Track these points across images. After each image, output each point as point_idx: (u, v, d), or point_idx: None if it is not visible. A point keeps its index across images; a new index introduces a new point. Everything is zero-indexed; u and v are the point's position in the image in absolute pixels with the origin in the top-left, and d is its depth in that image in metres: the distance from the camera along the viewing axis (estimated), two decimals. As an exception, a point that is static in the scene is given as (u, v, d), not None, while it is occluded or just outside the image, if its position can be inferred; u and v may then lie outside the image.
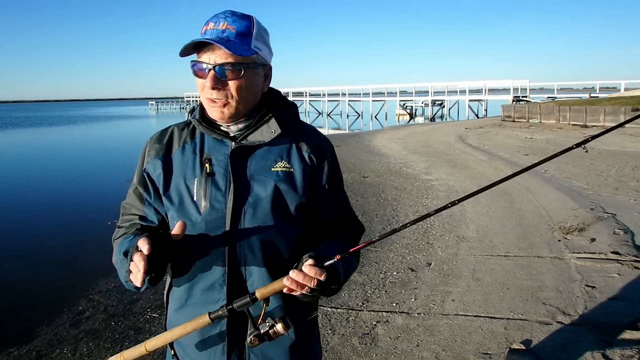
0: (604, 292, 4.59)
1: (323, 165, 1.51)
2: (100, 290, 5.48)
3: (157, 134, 1.53)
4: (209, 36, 1.35)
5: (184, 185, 1.42)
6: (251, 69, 1.39)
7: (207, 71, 1.35)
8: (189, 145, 1.46)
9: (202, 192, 1.39)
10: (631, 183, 9.56)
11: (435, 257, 5.82)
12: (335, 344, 3.88)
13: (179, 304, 1.46)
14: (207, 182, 1.40)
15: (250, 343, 1.29)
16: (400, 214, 8.04)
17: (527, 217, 7.34)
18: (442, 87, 50.37)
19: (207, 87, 1.36)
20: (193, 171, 1.42)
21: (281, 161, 1.44)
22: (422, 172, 12.15)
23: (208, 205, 1.38)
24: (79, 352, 4.13)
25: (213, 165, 1.41)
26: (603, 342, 3.68)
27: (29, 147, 28.12)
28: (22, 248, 7.63)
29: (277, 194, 1.40)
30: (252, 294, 1.28)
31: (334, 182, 1.55)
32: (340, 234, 1.53)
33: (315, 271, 1.23)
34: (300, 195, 1.44)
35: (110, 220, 7.97)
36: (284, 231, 1.42)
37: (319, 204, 1.50)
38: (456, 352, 3.68)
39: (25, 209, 10.54)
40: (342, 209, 1.58)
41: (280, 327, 1.27)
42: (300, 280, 1.23)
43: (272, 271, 1.38)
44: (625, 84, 37.73)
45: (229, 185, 1.39)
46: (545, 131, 21.48)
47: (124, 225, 1.53)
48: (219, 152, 1.43)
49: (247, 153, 1.43)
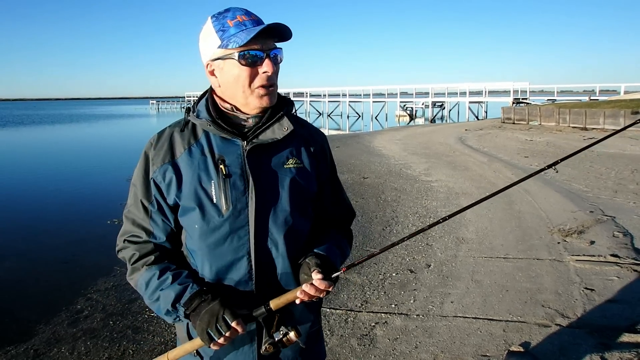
0: (603, 295, 4.59)
1: (326, 159, 1.59)
2: (98, 289, 5.47)
3: (155, 140, 1.49)
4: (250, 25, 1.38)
5: (201, 189, 1.40)
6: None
7: (265, 57, 1.38)
8: (195, 147, 1.44)
9: (222, 195, 1.39)
10: (630, 186, 9.55)
11: (434, 259, 5.82)
12: (334, 345, 3.87)
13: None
14: (225, 184, 1.39)
15: (266, 350, 1.38)
16: (400, 215, 8.04)
17: (527, 220, 7.34)
18: (443, 88, 50.39)
19: (266, 74, 1.39)
20: (207, 174, 1.41)
21: (292, 157, 1.47)
22: (422, 174, 12.14)
23: (230, 207, 1.39)
24: (77, 351, 4.12)
25: (228, 166, 1.41)
26: (602, 345, 3.67)
27: (29, 145, 28.14)
28: (20, 246, 7.62)
29: (293, 190, 1.45)
30: (267, 304, 1.35)
31: (333, 173, 1.64)
32: (338, 225, 1.64)
33: (325, 285, 1.34)
34: (311, 189, 1.50)
35: (109, 220, 7.96)
36: (301, 225, 1.48)
37: (322, 196, 1.57)
38: (455, 354, 3.67)
39: (24, 207, 10.55)
40: (340, 199, 1.67)
41: (293, 335, 1.36)
42: (312, 293, 1.33)
43: (293, 263, 1.44)
44: (625, 86, 37.76)
45: (247, 185, 1.40)
46: (545, 133, 21.48)
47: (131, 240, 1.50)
48: (231, 152, 1.42)
49: (262, 152, 1.44)
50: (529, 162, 13.36)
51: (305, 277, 1.37)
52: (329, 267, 1.39)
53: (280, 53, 1.43)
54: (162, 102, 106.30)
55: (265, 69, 1.38)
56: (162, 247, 1.48)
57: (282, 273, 1.43)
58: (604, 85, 43.82)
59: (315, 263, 1.38)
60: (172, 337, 4.21)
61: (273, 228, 1.41)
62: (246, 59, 1.37)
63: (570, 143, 17.29)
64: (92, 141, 30.53)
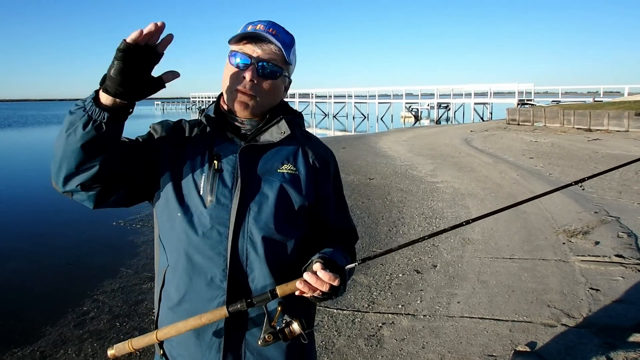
0: (608, 295, 4.59)
1: (328, 173, 1.55)
2: (105, 290, 5.49)
3: (173, 123, 1.54)
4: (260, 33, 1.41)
5: (191, 179, 1.42)
6: (283, 76, 1.47)
7: (250, 64, 1.40)
8: (200, 141, 1.47)
9: (209, 187, 1.40)
10: (635, 187, 9.53)
11: (440, 259, 5.82)
12: (341, 345, 3.89)
13: (175, 299, 1.42)
14: (214, 178, 1.41)
15: (265, 341, 1.30)
16: (406, 216, 8.04)
17: (532, 220, 7.33)
18: (448, 89, 50.29)
19: (244, 79, 1.40)
20: (201, 166, 1.43)
21: (287, 163, 1.46)
22: (427, 175, 12.14)
23: (214, 200, 1.39)
24: (84, 353, 4.14)
25: (222, 162, 1.43)
26: (607, 345, 3.68)
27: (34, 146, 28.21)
28: (25, 248, 7.64)
29: (282, 195, 1.43)
30: (273, 290, 1.30)
31: (338, 191, 1.61)
32: (343, 242, 1.57)
33: (329, 276, 1.26)
34: (304, 198, 1.47)
35: (115, 221, 8.00)
36: (287, 231, 1.44)
37: (324, 212, 1.54)
38: (461, 354, 3.68)
39: (29, 209, 10.58)
40: (344, 219, 1.63)
41: (296, 327, 1.29)
42: (312, 282, 1.26)
43: (273, 270, 1.40)
44: (629, 88, 37.57)
45: (235, 182, 1.40)
46: (549, 134, 21.42)
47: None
48: (229, 149, 1.44)
49: (256, 153, 1.45)
50: (534, 163, 13.33)
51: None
52: (333, 265, 1.34)
53: (271, 69, 1.42)
54: (167, 103, 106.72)
55: (246, 75, 1.39)
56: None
57: (258, 277, 1.39)
58: (608, 87, 43.64)
59: (319, 257, 1.35)
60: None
61: (253, 228, 1.39)
62: (233, 57, 1.42)
63: (575, 144, 17.23)
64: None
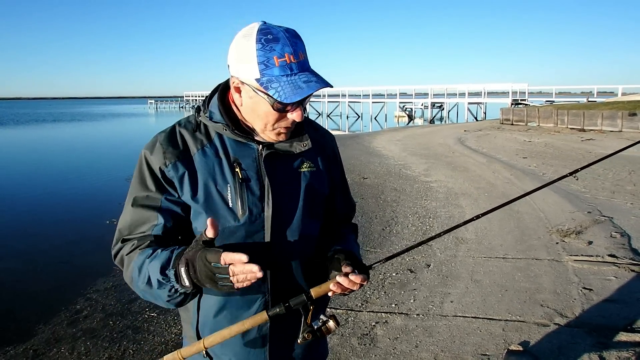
0: (601, 295, 4.61)
1: (337, 161, 1.61)
2: (98, 289, 5.47)
3: (166, 137, 1.41)
4: (296, 70, 1.26)
5: (216, 192, 1.36)
6: None
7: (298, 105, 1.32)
8: (209, 148, 1.39)
9: (238, 199, 1.35)
10: (628, 187, 9.59)
11: (434, 259, 5.84)
12: (335, 344, 3.89)
13: (216, 307, 1.40)
14: (242, 188, 1.36)
15: (304, 339, 1.35)
16: (400, 215, 8.05)
17: (525, 220, 7.36)
18: (442, 89, 50.37)
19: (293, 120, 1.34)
20: (223, 177, 1.36)
21: (306, 162, 1.47)
22: (421, 174, 12.16)
23: (246, 211, 1.35)
24: (77, 351, 4.12)
25: (244, 170, 1.37)
26: (600, 344, 3.70)
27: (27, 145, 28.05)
28: (19, 246, 7.62)
29: (308, 194, 1.45)
30: (308, 292, 1.31)
31: (343, 174, 1.66)
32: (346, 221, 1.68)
33: (360, 278, 1.30)
34: (324, 191, 1.52)
35: (108, 219, 7.98)
36: (313, 227, 1.48)
37: (334, 199, 1.60)
38: (455, 353, 3.69)
39: (23, 208, 10.52)
40: (347, 200, 1.70)
41: (332, 324, 1.36)
42: (346, 284, 1.29)
43: (303, 265, 1.45)
44: (622, 88, 37.81)
45: (264, 190, 1.38)
46: (543, 134, 21.52)
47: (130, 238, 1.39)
48: (247, 155, 1.39)
49: (276, 156, 1.41)
50: (528, 163, 13.39)
51: (336, 273, 1.33)
52: (357, 262, 1.38)
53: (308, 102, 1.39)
54: (160, 102, 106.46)
55: (295, 116, 1.33)
56: (162, 237, 1.36)
57: (295, 276, 1.44)
58: (602, 87, 43.89)
59: (345, 257, 1.36)
60: (172, 337, 4.22)
61: (288, 233, 1.40)
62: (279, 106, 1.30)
63: (569, 144, 17.32)
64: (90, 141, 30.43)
